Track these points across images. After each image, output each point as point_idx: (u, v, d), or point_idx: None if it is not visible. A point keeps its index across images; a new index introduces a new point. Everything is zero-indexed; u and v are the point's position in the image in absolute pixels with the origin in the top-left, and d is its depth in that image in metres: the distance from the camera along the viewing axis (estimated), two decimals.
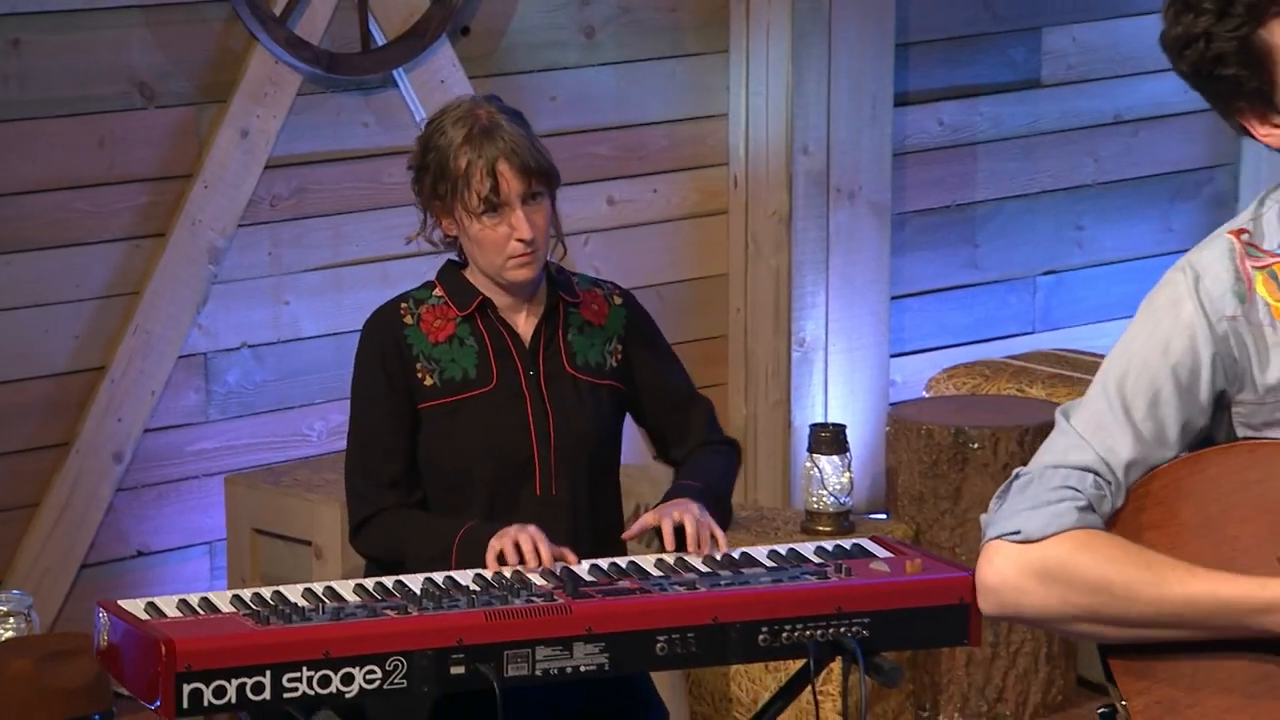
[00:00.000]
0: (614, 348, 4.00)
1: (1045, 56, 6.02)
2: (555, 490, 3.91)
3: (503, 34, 5.36)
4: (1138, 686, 2.51)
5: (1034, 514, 2.48)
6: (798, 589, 3.75)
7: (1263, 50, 2.42)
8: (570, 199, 5.47)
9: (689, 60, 5.60)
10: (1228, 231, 2.54)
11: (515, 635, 3.59)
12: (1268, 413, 2.49)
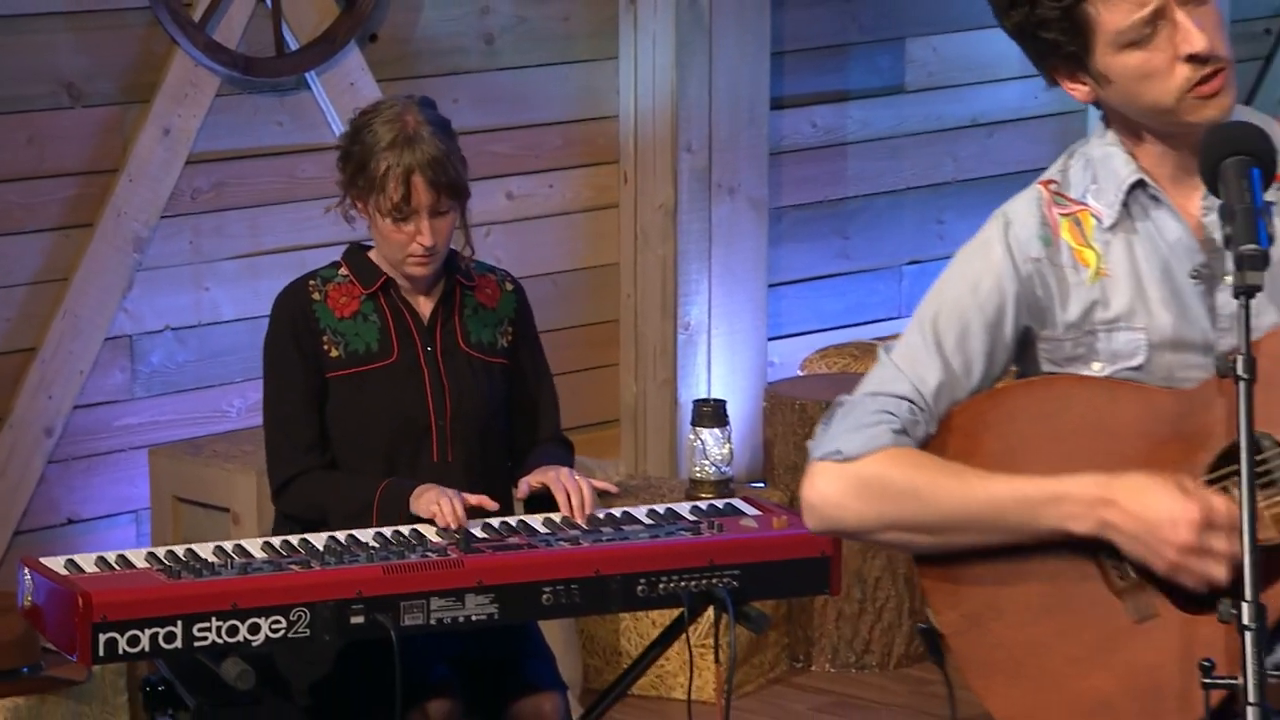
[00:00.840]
0: (505, 329, 3.99)
1: (909, 65, 6.01)
2: (451, 457, 3.87)
3: (408, 41, 5.31)
4: (948, 600, 2.51)
5: (853, 436, 2.48)
6: (673, 544, 3.74)
7: (1084, 21, 2.42)
8: (473, 194, 5.40)
9: (581, 66, 5.56)
10: (1038, 182, 2.56)
11: (411, 587, 3.57)
12: (1069, 348, 2.49)
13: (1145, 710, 2.41)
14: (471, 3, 5.38)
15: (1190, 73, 2.40)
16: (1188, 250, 2.46)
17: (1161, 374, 2.46)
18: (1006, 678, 2.46)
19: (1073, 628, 2.45)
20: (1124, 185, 2.48)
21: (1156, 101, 2.42)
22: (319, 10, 5.13)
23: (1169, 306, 2.45)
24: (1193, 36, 2.39)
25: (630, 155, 5.63)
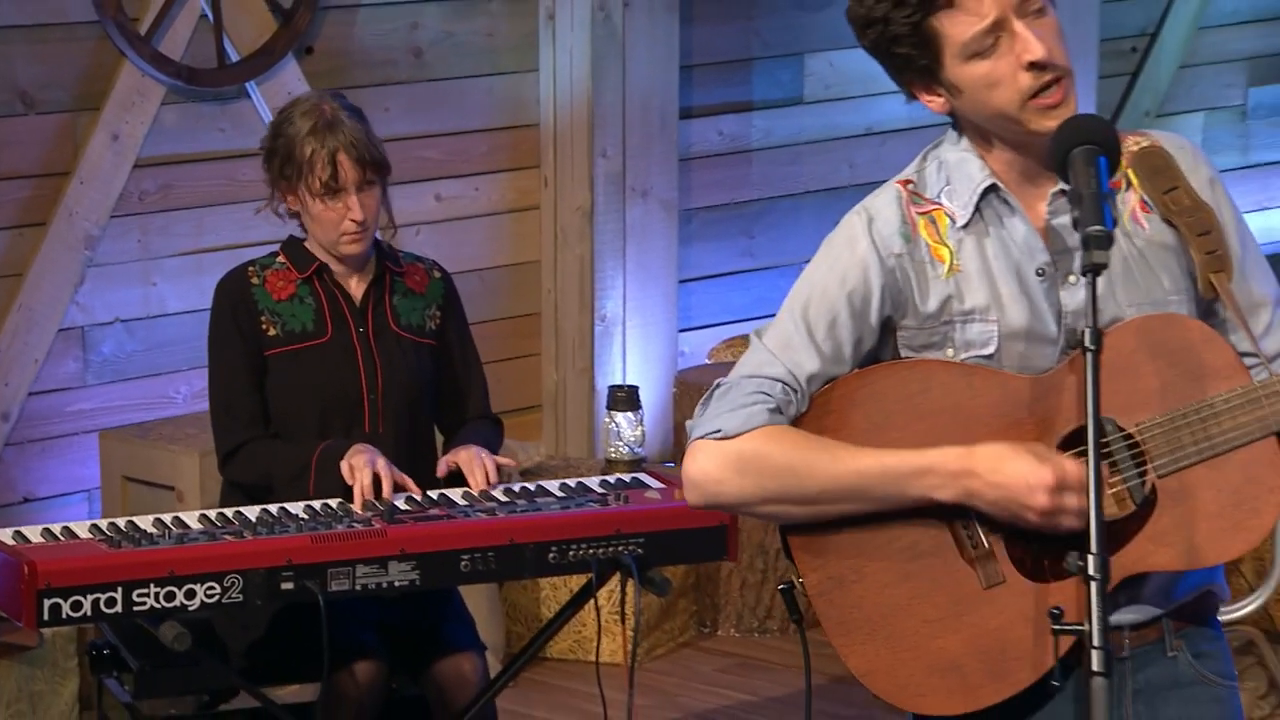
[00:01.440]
0: (433, 313, 3.98)
1: (807, 78, 6.01)
2: (382, 428, 3.86)
3: (342, 53, 5.28)
4: (813, 564, 2.50)
5: (732, 415, 2.45)
6: (582, 514, 3.74)
7: (932, 35, 2.41)
8: (404, 196, 5.42)
9: (504, 77, 5.54)
10: (896, 181, 2.54)
11: (337, 555, 3.56)
12: (926, 336, 2.48)
13: (989, 669, 2.41)
14: (402, 18, 5.35)
15: (1031, 80, 2.38)
16: (1034, 250, 2.45)
17: (1012, 362, 2.44)
18: (865, 636, 2.45)
19: (927, 592, 2.44)
20: (978, 188, 2.46)
21: (1003, 108, 2.41)
22: (258, 24, 5.09)
23: (1019, 301, 2.44)
24: (1032, 45, 2.38)
25: (550, 160, 5.60)
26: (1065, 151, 2.36)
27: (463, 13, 5.44)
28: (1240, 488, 2.36)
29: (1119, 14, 6.48)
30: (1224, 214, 2.48)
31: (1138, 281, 2.45)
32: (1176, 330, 2.41)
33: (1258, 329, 2.47)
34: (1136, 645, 2.45)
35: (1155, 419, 2.38)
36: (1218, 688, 2.49)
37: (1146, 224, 2.47)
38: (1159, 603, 2.44)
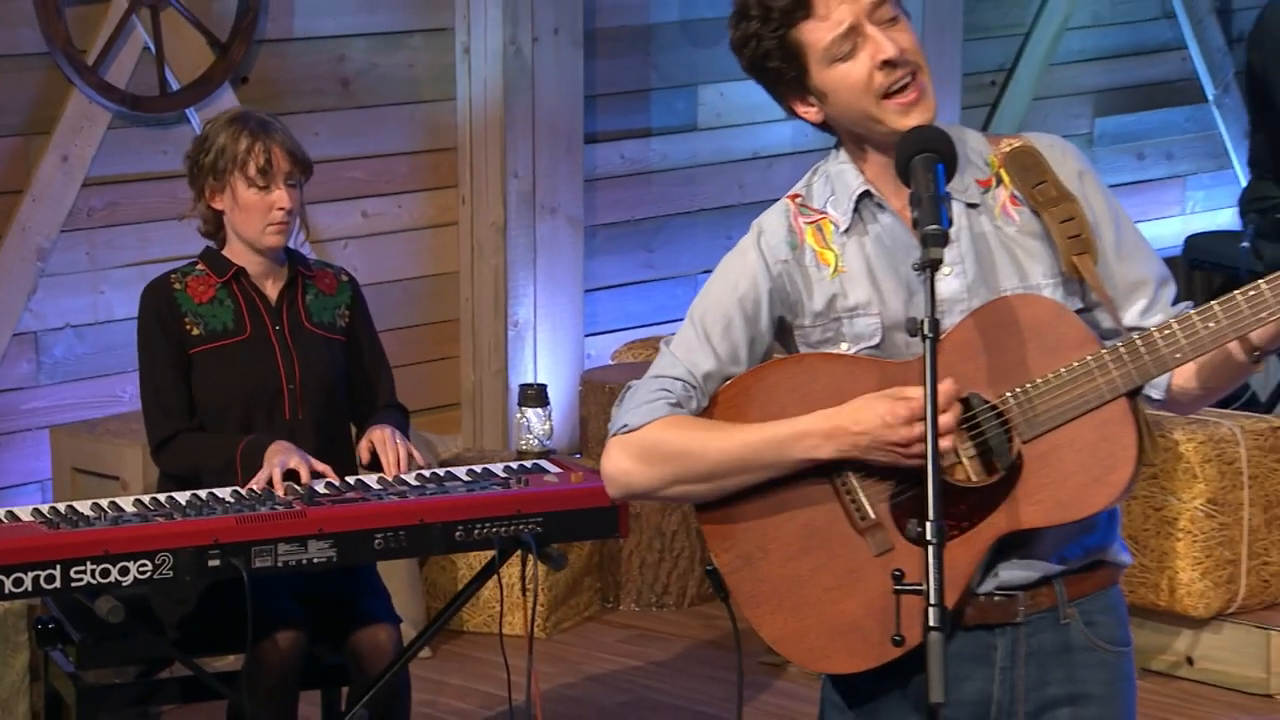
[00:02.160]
0: (343, 312, 3.93)
1: (700, 107, 6.00)
2: (301, 415, 3.82)
3: (275, 82, 5.23)
4: (723, 546, 2.49)
5: (636, 411, 2.46)
6: (486, 496, 3.70)
7: (796, 46, 2.40)
8: (333, 213, 5.40)
9: (424, 105, 5.50)
10: (787, 196, 2.54)
11: (261, 535, 3.51)
12: (819, 333, 2.48)
13: (886, 628, 2.38)
14: (330, 50, 5.31)
15: (884, 78, 2.38)
16: (909, 246, 2.43)
17: (897, 351, 2.44)
18: (773, 607, 2.45)
19: (825, 563, 2.43)
20: (854, 195, 2.46)
21: (865, 108, 2.40)
22: (197, 56, 5.04)
23: (898, 295, 2.44)
24: (884, 45, 2.38)
25: (467, 180, 5.57)
26: (907, 159, 2.35)
27: (386, 46, 5.40)
28: (1098, 445, 2.36)
29: (979, 51, 6.51)
30: (1094, 202, 2.46)
31: (1010, 268, 2.44)
32: (1033, 308, 2.41)
33: (1139, 306, 2.47)
34: (1031, 612, 2.43)
35: (1017, 390, 2.37)
36: (1107, 654, 2.47)
37: (1017, 216, 2.46)
38: (1048, 561, 2.43)
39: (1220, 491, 4.79)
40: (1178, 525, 4.80)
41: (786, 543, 2.44)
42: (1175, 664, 4.91)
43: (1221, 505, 4.80)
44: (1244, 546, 4.82)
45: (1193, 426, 4.83)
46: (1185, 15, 6.91)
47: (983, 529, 2.36)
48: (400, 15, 5.39)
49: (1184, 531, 4.80)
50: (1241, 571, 4.84)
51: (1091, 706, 2.44)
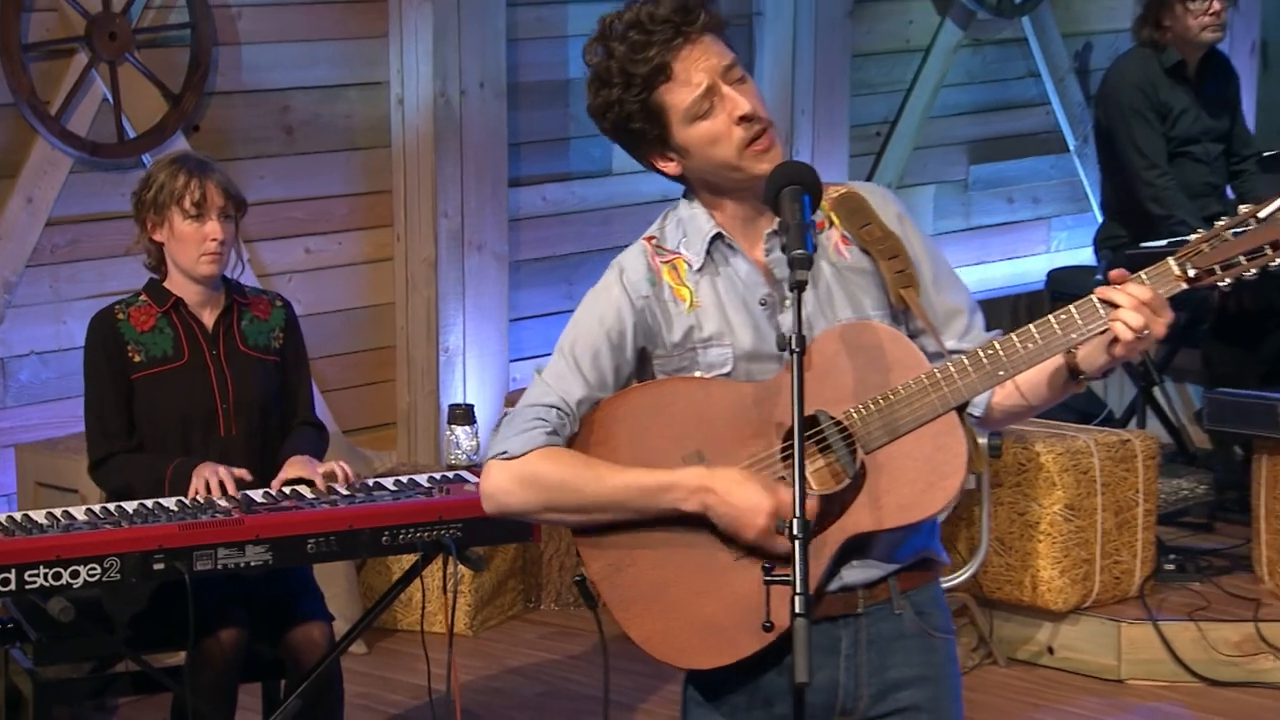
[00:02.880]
0: (276, 335, 3.90)
1: (614, 154, 5.96)
2: (234, 432, 3.78)
3: (224, 131, 5.18)
4: (594, 555, 2.48)
5: (516, 438, 2.44)
6: (411, 504, 3.67)
7: (658, 108, 2.40)
8: (279, 250, 5.35)
9: (361, 152, 5.47)
10: (643, 238, 2.54)
11: (201, 540, 3.46)
12: (676, 361, 2.48)
13: (742, 625, 2.39)
14: (275, 102, 5.27)
15: (744, 131, 2.39)
16: (756, 284, 2.45)
17: (746, 378, 2.44)
18: (641, 610, 2.43)
19: (689, 569, 2.42)
20: (706, 237, 2.46)
21: (725, 159, 2.41)
22: (152, 107, 4.99)
23: (746, 327, 2.45)
24: (740, 103, 2.39)
25: (401, 220, 5.53)
26: (776, 190, 2.36)
27: (326, 98, 5.36)
28: (932, 455, 2.37)
29: (865, 106, 6.54)
30: (912, 242, 2.49)
31: (844, 301, 2.45)
32: (869, 334, 2.42)
33: (957, 331, 2.49)
34: (870, 604, 2.45)
35: (858, 408, 2.38)
36: (935, 639, 2.49)
37: (847, 254, 2.48)
38: (885, 562, 2.44)
39: (1076, 498, 4.82)
40: (1039, 528, 4.83)
41: (653, 551, 2.43)
42: (1038, 653, 4.93)
43: (1077, 510, 4.83)
44: (1098, 547, 4.86)
45: (1052, 440, 4.86)
46: (1048, 74, 6.97)
47: (832, 531, 2.37)
48: (339, 70, 5.36)
49: (1044, 534, 4.82)
50: (1096, 570, 4.87)
51: (927, 687, 2.46)
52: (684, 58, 2.37)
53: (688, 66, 2.37)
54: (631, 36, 2.37)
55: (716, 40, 2.40)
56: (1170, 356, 5.78)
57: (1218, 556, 5.13)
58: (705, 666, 2.44)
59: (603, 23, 2.43)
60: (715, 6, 2.42)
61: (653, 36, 2.37)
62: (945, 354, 2.42)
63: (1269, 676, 4.75)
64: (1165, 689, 4.76)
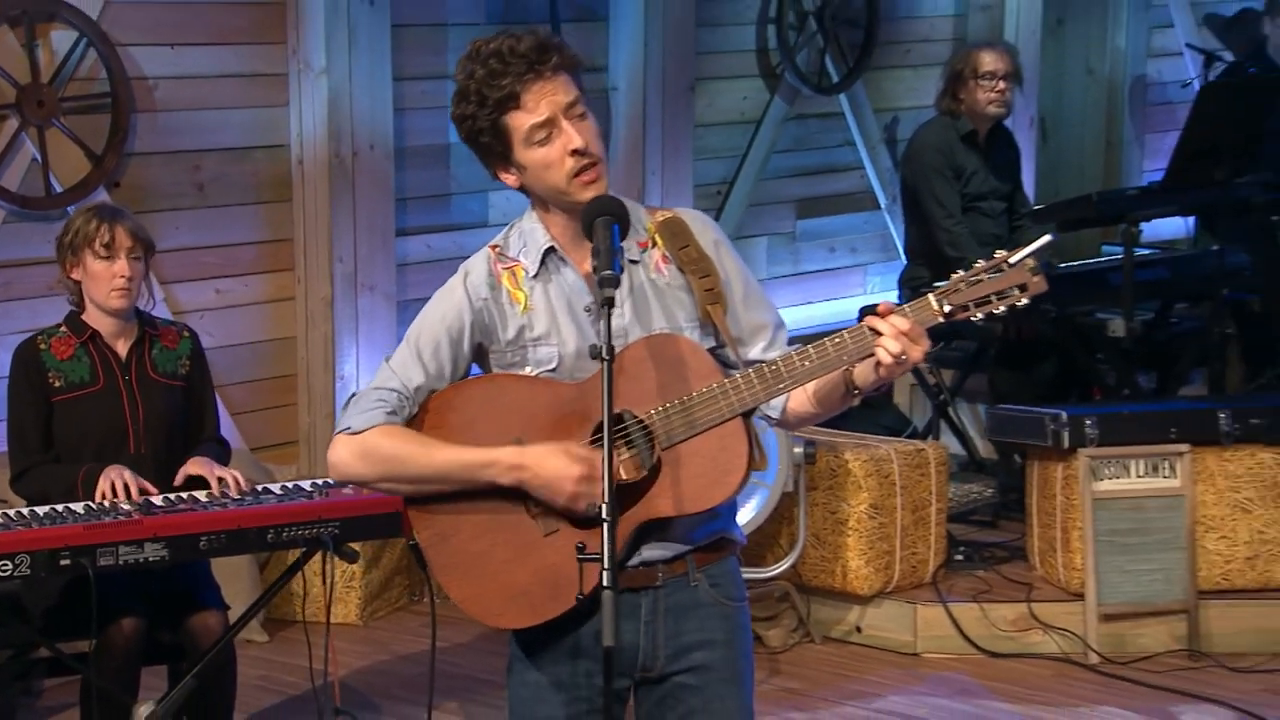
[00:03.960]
0: (184, 362, 3.84)
1: (491, 208, 5.96)
2: (143, 450, 3.71)
3: (142, 187, 5.09)
4: (423, 525, 2.46)
5: (359, 416, 2.42)
6: (294, 505, 3.62)
7: (505, 129, 2.40)
8: (191, 290, 5.26)
9: (266, 205, 5.40)
10: (488, 246, 2.53)
11: (104, 539, 3.38)
12: (510, 356, 2.47)
13: (548, 593, 2.39)
14: (188, 162, 5.19)
15: (574, 162, 2.40)
16: (582, 293, 2.46)
17: (568, 375, 2.44)
18: (461, 575, 2.42)
19: (504, 541, 2.42)
20: (541, 249, 2.47)
21: (555, 184, 2.42)
22: (76, 166, 4.89)
23: (572, 330, 2.45)
24: (574, 137, 2.40)
25: (301, 264, 5.46)
26: (590, 220, 2.38)
27: (234, 159, 5.29)
28: (718, 454, 2.38)
29: (707, 168, 6.57)
30: (726, 264, 2.50)
31: (660, 312, 2.46)
32: (672, 345, 2.43)
33: (761, 345, 2.50)
34: (668, 577, 2.45)
35: (659, 408, 2.39)
36: (727, 608, 2.49)
37: (666, 271, 2.49)
38: (683, 543, 2.44)
39: (879, 499, 4.87)
40: (848, 525, 4.87)
41: (474, 524, 2.42)
42: (848, 632, 4.96)
43: (880, 509, 4.87)
44: (897, 541, 4.90)
45: (859, 449, 4.90)
46: (862, 143, 7.06)
47: (629, 516, 2.38)
48: (245, 134, 5.30)
49: (853, 530, 4.86)
50: (896, 560, 4.91)
51: (717, 649, 2.47)
52: (533, 90, 2.37)
53: (535, 98, 2.37)
54: (492, 64, 2.38)
55: (567, 79, 2.40)
56: (963, 381, 5.86)
57: (999, 548, 5.20)
58: (513, 626, 2.44)
59: (472, 45, 2.43)
60: (570, 50, 2.43)
61: (509, 67, 2.37)
62: (742, 365, 2.43)
63: (1039, 648, 4.82)
64: (954, 660, 4.81)
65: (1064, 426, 4.77)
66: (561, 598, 2.37)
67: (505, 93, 2.36)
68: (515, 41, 2.38)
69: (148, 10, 5.05)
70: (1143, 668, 4.69)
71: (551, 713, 2.43)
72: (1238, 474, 4.85)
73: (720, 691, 2.45)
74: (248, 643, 4.91)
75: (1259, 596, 4.83)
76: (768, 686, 4.64)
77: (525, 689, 2.46)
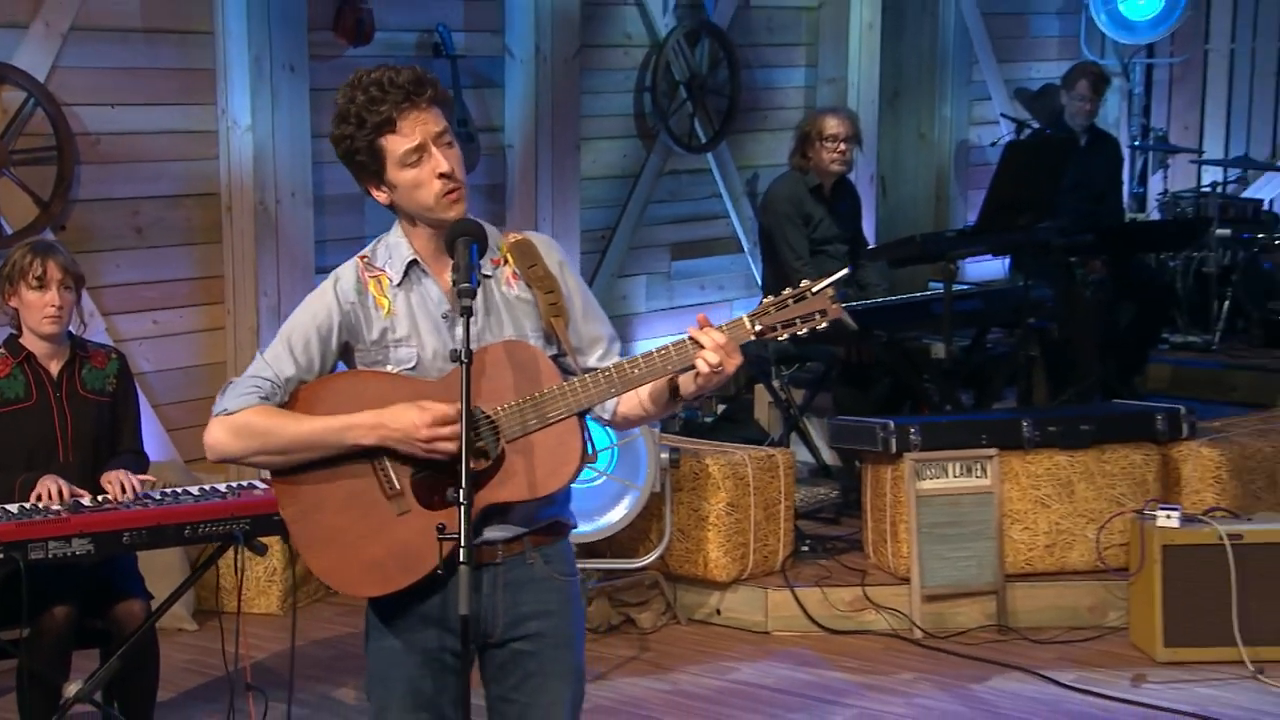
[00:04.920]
0: (110, 380, 3.77)
1: None
2: (71, 459, 3.65)
3: (86, 229, 5.02)
4: (289, 501, 2.43)
5: (234, 400, 2.41)
6: (209, 504, 3.57)
7: (379, 150, 2.39)
8: (132, 321, 5.18)
9: (199, 246, 5.33)
10: (357, 256, 2.51)
11: (35, 535, 3.32)
12: (374, 355, 2.45)
13: (400, 566, 2.38)
14: (127, 209, 5.12)
15: (441, 184, 2.40)
16: (440, 302, 2.46)
17: (425, 374, 2.44)
18: (321, 548, 2.40)
19: (361, 518, 2.40)
20: (404, 261, 2.46)
21: (423, 202, 2.42)
22: (25, 210, 4.81)
23: (431, 334, 2.45)
24: (442, 163, 2.40)
25: (231, 298, 5.40)
26: (453, 239, 2.38)
27: (169, 206, 5.23)
28: (555, 448, 2.39)
29: (592, 216, 6.59)
30: (568, 283, 2.51)
31: (509, 322, 2.47)
32: (520, 350, 2.44)
33: (598, 354, 2.51)
34: (507, 555, 2.44)
35: (506, 405, 2.39)
36: (560, 582, 2.49)
37: (515, 287, 2.49)
38: (521, 525, 2.44)
39: (735, 498, 4.90)
40: (709, 521, 4.90)
41: (335, 502, 2.40)
42: (709, 614, 4.97)
43: (736, 507, 4.91)
44: (751, 534, 4.94)
45: (718, 455, 4.94)
46: (727, 195, 7.14)
47: (476, 499, 2.36)
48: (179, 183, 5.24)
49: (712, 525, 4.89)
50: (750, 551, 4.94)
51: (551, 619, 2.47)
52: (408, 118, 2.36)
53: (410, 125, 2.36)
54: (372, 91, 2.36)
55: (439, 112, 2.40)
56: (811, 398, 5.92)
57: (839, 541, 5.25)
58: (367, 595, 2.43)
59: (355, 74, 2.41)
60: (443, 87, 2.43)
61: (388, 96, 2.36)
62: (580, 371, 2.44)
63: (872, 626, 4.87)
64: (799, 637, 4.84)
65: (892, 434, 4.84)
66: (411, 570, 2.36)
67: (383, 118, 2.35)
68: (395, 74, 2.38)
69: (90, 74, 4.99)
70: (959, 641, 4.76)
71: (407, 674, 2.42)
72: (1038, 474, 4.95)
73: (555, 655, 2.45)
74: (179, 631, 4.83)
75: (1056, 578, 4.93)
76: (639, 661, 4.64)
77: (382, 653, 2.45)
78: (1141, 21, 7.76)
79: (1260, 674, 4.44)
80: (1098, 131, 6.78)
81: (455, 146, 2.42)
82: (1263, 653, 4.50)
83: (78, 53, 4.93)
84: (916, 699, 4.37)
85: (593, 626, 4.77)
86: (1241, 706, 4.28)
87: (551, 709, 2.42)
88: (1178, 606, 4.56)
